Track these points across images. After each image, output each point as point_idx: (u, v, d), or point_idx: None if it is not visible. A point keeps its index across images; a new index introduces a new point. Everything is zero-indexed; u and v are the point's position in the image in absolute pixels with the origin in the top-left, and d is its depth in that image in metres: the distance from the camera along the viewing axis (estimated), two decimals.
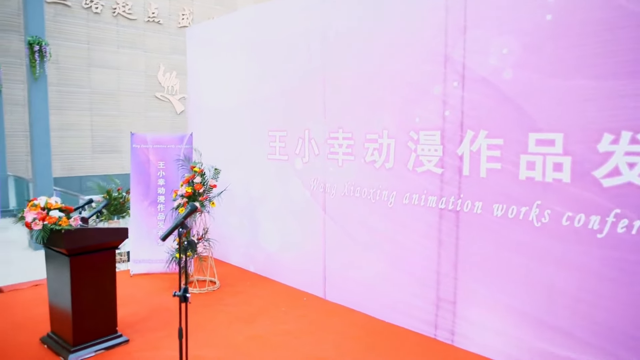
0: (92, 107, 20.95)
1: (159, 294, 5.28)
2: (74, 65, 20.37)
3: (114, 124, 21.71)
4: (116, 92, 21.61)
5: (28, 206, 3.69)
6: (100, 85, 21.03)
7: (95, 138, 21.27)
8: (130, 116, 22.00)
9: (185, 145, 5.94)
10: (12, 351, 3.96)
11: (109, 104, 21.48)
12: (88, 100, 20.82)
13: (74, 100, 20.45)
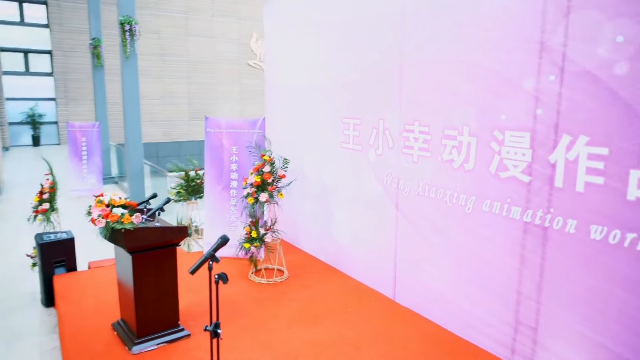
0: (189, 75, 21.86)
1: (230, 282, 5.29)
2: (172, 35, 21.23)
3: (209, 91, 22.53)
4: (211, 60, 22.29)
5: (95, 201, 3.76)
6: (197, 54, 21.80)
7: (191, 105, 22.27)
8: (224, 83, 22.68)
9: (258, 130, 5.80)
10: (87, 334, 4.16)
11: (205, 71, 22.26)
12: (185, 69, 21.72)
13: (173, 69, 21.42)
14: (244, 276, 5.40)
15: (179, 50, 21.39)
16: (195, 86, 22.14)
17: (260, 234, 5.15)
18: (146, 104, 20.68)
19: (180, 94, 21.82)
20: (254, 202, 5.10)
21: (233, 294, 4.97)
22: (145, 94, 20.49)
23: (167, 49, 21.09)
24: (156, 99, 21.28)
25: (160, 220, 4.05)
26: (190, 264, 5.87)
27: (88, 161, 11.05)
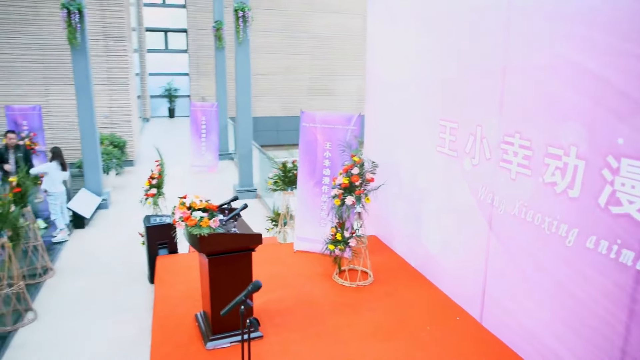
0: (312, 50, 22.11)
1: (311, 279, 5.31)
2: (297, 11, 21.54)
3: (331, 67, 22.62)
4: (333, 36, 22.28)
5: (179, 203, 3.93)
6: (320, 30, 21.92)
7: (312, 81, 22.60)
8: (347, 59, 22.60)
9: (352, 126, 5.62)
10: (174, 321, 4.45)
11: (327, 47, 22.36)
12: (308, 45, 21.97)
13: (296, 45, 21.80)
14: (329, 276, 5.36)
15: (303, 26, 21.65)
16: (317, 62, 22.37)
17: (345, 237, 5.04)
18: (268, 79, 21.49)
19: (301, 70, 22.22)
20: (340, 204, 4.98)
21: (314, 295, 4.96)
22: (268, 70, 21.30)
23: (292, 25, 21.47)
24: (278, 75, 21.94)
25: (240, 223, 4.12)
26: (283, 254, 6.02)
27: (207, 139, 11.80)
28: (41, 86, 11.27)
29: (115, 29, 11.50)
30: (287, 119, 22.60)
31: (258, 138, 20.53)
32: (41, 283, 5.97)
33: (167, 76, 22.35)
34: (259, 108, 21.49)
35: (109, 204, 9.07)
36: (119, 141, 11.29)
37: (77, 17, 7.87)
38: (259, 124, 21.91)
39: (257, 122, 21.90)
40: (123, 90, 11.89)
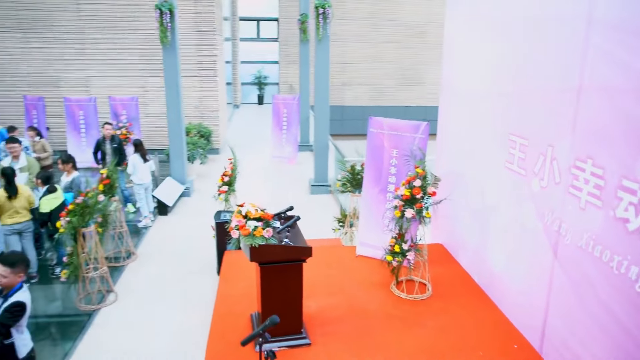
0: (400, 39, 21.63)
1: (368, 288, 5.30)
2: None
3: (419, 56, 22.02)
4: (423, 23, 21.60)
5: (236, 211, 4.10)
6: (409, 17, 21.35)
7: (399, 70, 22.16)
8: (435, 48, 21.84)
9: (420, 134, 5.47)
10: (232, 319, 4.69)
11: (416, 36, 21.75)
12: (396, 33, 21.51)
13: (384, 32, 21.44)
14: (386, 285, 5.32)
15: (392, 13, 21.21)
16: (405, 51, 21.86)
17: (403, 249, 4.96)
18: (356, 67, 21.40)
19: (388, 59, 21.85)
20: (400, 215, 4.91)
21: (369, 305, 4.96)
22: (356, 58, 21.19)
23: (380, 12, 21.12)
24: (366, 63, 21.76)
25: (294, 233, 4.22)
26: (344, 258, 6.06)
27: (287, 131, 12.08)
28: (140, 78, 12.18)
29: (206, 22, 12.07)
30: (374, 108, 22.38)
31: (345, 127, 20.55)
32: (124, 266, 6.56)
33: (258, 64, 23.08)
34: (347, 97, 21.54)
35: (192, 192, 9.65)
36: (206, 131, 11.92)
37: (168, 17, 8.37)
38: (346, 113, 21.99)
39: (345, 111, 22.03)
40: (211, 81, 12.49)
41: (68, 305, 5.61)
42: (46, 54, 11.95)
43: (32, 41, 11.81)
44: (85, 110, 11.18)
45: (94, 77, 12.16)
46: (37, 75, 12.08)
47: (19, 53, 11.90)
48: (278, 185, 10.67)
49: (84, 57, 12.03)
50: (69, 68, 12.10)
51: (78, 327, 5.21)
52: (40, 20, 11.71)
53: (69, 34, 11.85)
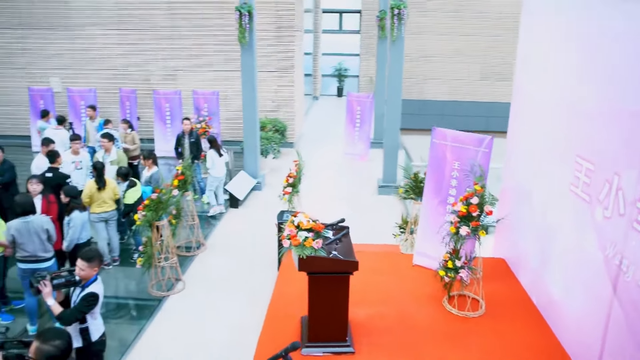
0: (486, 31, 20.71)
1: (419, 300, 5.31)
2: None
3: (507, 49, 20.98)
4: (510, 16, 20.49)
5: (289, 221, 4.29)
6: (498, 9, 20.35)
7: (484, 64, 21.26)
8: None
9: (483, 148, 5.33)
10: (284, 320, 4.92)
11: (504, 27, 20.70)
12: (482, 24, 20.62)
13: (468, 26, 20.64)
14: (439, 299, 5.29)
15: (478, 4, 20.34)
16: (491, 44, 20.92)
17: (456, 265, 4.91)
18: (436, 61, 20.85)
19: (472, 52, 21.03)
20: (455, 232, 4.86)
21: (418, 318, 4.98)
22: (437, 52, 20.63)
23: (464, 4, 20.34)
24: (447, 57, 21.12)
25: (344, 245, 4.34)
26: (400, 266, 6.10)
27: (360, 129, 12.15)
28: (222, 72, 12.79)
29: (286, 19, 12.38)
30: (454, 103, 21.73)
31: (422, 122, 20.00)
32: (194, 256, 7.05)
33: (339, 56, 23.22)
34: (427, 91, 21.08)
35: (263, 186, 10.06)
36: (280, 126, 12.30)
37: (247, 19, 8.73)
38: (424, 108, 21.52)
39: (423, 105, 21.55)
40: (289, 76, 12.82)
41: (142, 290, 6.17)
42: (140, 49, 12.91)
43: (128, 37, 12.80)
44: (171, 102, 11.97)
45: (181, 71, 12.95)
46: (131, 69, 13.10)
47: (116, 48, 12.96)
48: (346, 183, 10.81)
49: (173, 52, 12.84)
50: (159, 62, 12.98)
51: (149, 311, 5.73)
52: (137, 17, 12.65)
53: (162, 30, 12.70)
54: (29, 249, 4.89)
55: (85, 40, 12.91)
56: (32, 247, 4.89)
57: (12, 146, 13.30)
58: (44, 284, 3.53)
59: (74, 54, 13.07)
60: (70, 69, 13.22)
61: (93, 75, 13.18)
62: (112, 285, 6.39)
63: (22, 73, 13.38)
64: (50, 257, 5.07)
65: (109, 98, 13.07)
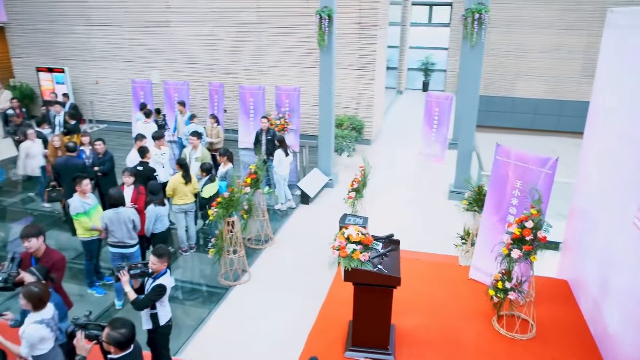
0: (590, 25, 19.24)
1: (469, 315, 5.38)
2: None
3: None
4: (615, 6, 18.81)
5: (339, 232, 4.57)
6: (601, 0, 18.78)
7: (588, 60, 19.81)
8: None
9: (547, 170, 5.23)
10: (333, 320, 5.26)
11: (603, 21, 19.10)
12: (585, 19, 19.19)
13: (570, 18, 19.31)
14: (489, 317, 5.33)
15: None
16: (595, 39, 19.43)
17: (506, 287, 4.92)
18: (531, 57, 19.77)
19: (574, 48, 19.67)
20: (507, 254, 4.86)
21: (464, 334, 5.07)
22: (532, 47, 19.55)
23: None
24: (544, 52, 19.94)
25: (390, 259, 4.54)
26: (456, 278, 6.18)
27: (437, 130, 12.02)
28: (304, 69, 13.22)
29: (368, 18, 12.47)
30: (548, 102, 20.54)
31: (512, 120, 19.10)
32: (262, 250, 7.57)
33: (426, 50, 22.82)
34: (518, 88, 20.13)
35: (335, 183, 10.38)
36: (358, 123, 12.50)
37: (327, 22, 9.01)
38: (514, 106, 20.59)
39: (512, 103, 20.59)
40: (369, 74, 12.95)
41: (213, 277, 6.78)
42: (228, 45, 13.68)
43: (217, 33, 13.62)
44: (255, 97, 12.66)
45: (265, 66, 13.57)
46: (220, 64, 13.94)
47: (208, 44, 13.85)
48: (417, 185, 10.81)
49: (259, 48, 13.47)
50: (246, 58, 13.67)
51: (216, 297, 6.32)
52: (226, 15, 13.41)
53: (249, 27, 13.36)
54: (118, 235, 5.63)
55: (181, 37, 13.93)
56: (120, 234, 5.63)
57: (117, 131, 14.86)
58: (123, 273, 4.14)
59: (171, 49, 14.16)
60: (167, 63, 14.36)
61: (186, 69, 14.21)
62: (188, 270, 7.09)
63: (126, 66, 14.76)
64: (134, 244, 5.79)
65: (200, 91, 14.05)
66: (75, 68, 15.13)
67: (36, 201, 9.46)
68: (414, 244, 7.30)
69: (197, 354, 5.26)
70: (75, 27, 14.78)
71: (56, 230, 8.24)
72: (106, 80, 15.10)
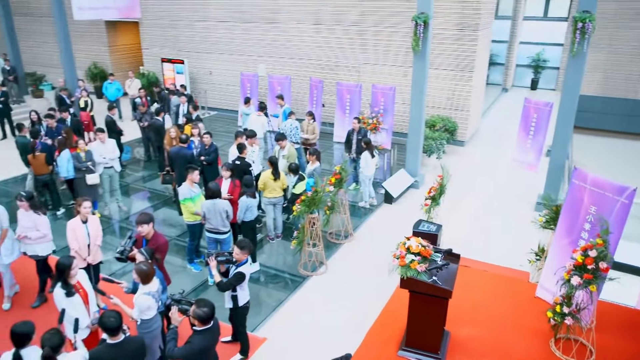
0: None
1: (526, 334, 5.51)
2: None
3: None
4: None
5: (401, 243, 4.98)
6: None
7: None
8: None
9: (623, 199, 5.16)
10: (395, 316, 5.70)
11: None
12: None
13: None
14: (547, 337, 5.43)
15: None
16: None
17: (563, 311, 5.01)
18: None
19: None
20: (567, 279, 4.95)
21: (517, 351, 5.24)
22: None
23: None
24: None
25: (447, 272, 4.88)
26: (521, 295, 6.31)
27: (533, 138, 11.66)
28: (401, 68, 13.46)
29: (470, 18, 12.33)
30: None
31: (629, 124, 17.36)
32: (341, 245, 8.17)
33: (538, 45, 21.66)
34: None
35: (421, 184, 10.63)
36: (451, 125, 12.53)
37: (422, 28, 9.22)
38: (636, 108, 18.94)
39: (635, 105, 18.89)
40: (467, 75, 12.85)
41: (293, 266, 7.52)
42: (331, 43, 14.29)
43: (322, 31, 14.27)
44: (352, 94, 13.19)
45: (364, 64, 14.00)
46: (321, 60, 14.63)
47: (311, 41, 14.58)
48: (505, 192, 10.68)
49: (360, 46, 13.92)
50: (346, 56, 14.21)
51: (294, 285, 7.05)
52: (331, 14, 14.00)
53: (351, 26, 13.83)
54: (213, 223, 6.54)
55: (288, 33, 14.83)
56: (216, 222, 6.53)
57: (225, 118, 16.29)
58: (211, 259, 4.97)
59: (277, 44, 15.13)
60: (273, 58, 15.37)
61: (290, 64, 15.12)
62: (272, 256, 7.91)
63: (237, 59, 16.03)
64: (227, 231, 6.68)
65: (300, 85, 14.89)
66: (193, 59, 16.78)
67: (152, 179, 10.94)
68: (486, 255, 7.46)
69: (272, 332, 6.03)
70: (195, 23, 16.36)
71: (166, 209, 9.55)
72: (218, 71, 16.56)
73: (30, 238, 6.16)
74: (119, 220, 9.11)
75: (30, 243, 6.23)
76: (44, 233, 6.22)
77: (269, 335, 5.97)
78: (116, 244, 6.91)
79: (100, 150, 8.91)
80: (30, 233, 6.14)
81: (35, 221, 6.15)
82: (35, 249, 6.27)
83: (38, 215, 6.17)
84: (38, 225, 6.17)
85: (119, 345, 3.82)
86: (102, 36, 18.83)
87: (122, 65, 19.35)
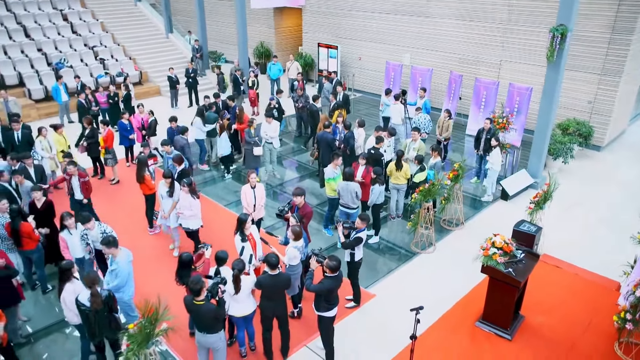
0: None
1: (596, 333, 6.38)
2: None
3: None
4: None
5: (488, 238, 6.23)
6: None
7: None
8: None
9: None
10: (479, 297, 6.98)
11: None
12: None
13: None
14: (614, 339, 6.25)
15: None
16: None
17: (627, 317, 5.83)
18: None
19: None
20: (634, 290, 5.76)
21: (582, 344, 6.20)
22: None
23: None
24: None
25: (524, 266, 6.02)
26: (607, 301, 7.26)
27: None
28: (539, 67, 13.67)
29: (625, 22, 12.09)
30: None
31: None
32: (452, 230, 9.45)
33: None
34: None
35: (540, 186, 11.15)
36: (585, 130, 12.58)
37: (559, 40, 9.71)
38: None
39: None
40: (613, 81, 12.67)
41: (407, 243, 9.05)
42: (479, 40, 14.93)
43: (475, 28, 14.95)
44: (488, 91, 13.88)
45: (506, 62, 14.45)
46: (464, 55, 15.36)
47: (456, 36, 15.36)
48: (627, 203, 10.59)
49: (503, 44, 14.38)
50: (489, 52, 14.77)
51: (405, 258, 8.60)
52: (481, 11, 14.60)
53: (499, 23, 14.33)
54: (345, 200, 8.34)
55: (436, 27, 15.79)
56: (347, 199, 8.32)
57: (368, 102, 17.98)
58: (340, 225, 6.78)
59: (423, 37, 16.19)
60: (417, 49, 16.49)
61: (432, 56, 16.12)
62: (392, 232, 9.51)
63: (384, 47, 17.46)
64: (355, 208, 8.43)
65: (441, 78, 15.86)
66: (345, 45, 18.61)
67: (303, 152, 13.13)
68: (585, 261, 8.10)
69: (381, 291, 7.69)
70: (353, 12, 18.08)
71: (311, 180, 11.65)
72: (367, 58, 18.20)
73: (184, 215, 7.82)
74: (273, 186, 11.45)
75: (185, 218, 7.88)
76: (195, 213, 7.84)
77: (378, 293, 7.65)
78: (272, 205, 9.16)
79: (265, 128, 11.25)
80: (186, 211, 7.75)
81: (191, 203, 7.77)
82: (188, 223, 7.95)
83: (193, 199, 7.83)
84: (192, 206, 7.76)
85: (275, 277, 5.78)
86: (269, 19, 21.54)
87: (284, 46, 21.99)
